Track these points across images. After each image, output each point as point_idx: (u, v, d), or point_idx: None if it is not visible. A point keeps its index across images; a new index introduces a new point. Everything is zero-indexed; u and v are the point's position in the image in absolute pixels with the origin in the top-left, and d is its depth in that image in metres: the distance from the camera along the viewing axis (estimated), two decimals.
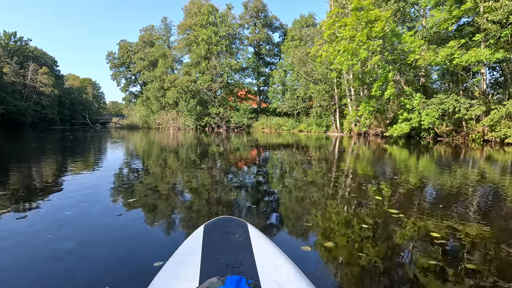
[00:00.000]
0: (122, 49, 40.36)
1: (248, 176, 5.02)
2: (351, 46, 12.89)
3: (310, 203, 3.25)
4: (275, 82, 30.70)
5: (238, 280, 0.85)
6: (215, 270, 1.03)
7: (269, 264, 1.08)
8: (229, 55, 30.61)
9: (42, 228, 2.30)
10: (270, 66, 36.95)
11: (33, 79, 43.62)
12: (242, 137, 18.64)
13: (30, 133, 19.31)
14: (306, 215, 2.81)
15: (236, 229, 1.31)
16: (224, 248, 1.18)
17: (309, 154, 8.56)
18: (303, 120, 27.90)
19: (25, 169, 5.28)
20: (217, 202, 3.22)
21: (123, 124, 40.08)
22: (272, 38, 35.56)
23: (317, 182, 4.43)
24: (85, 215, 2.67)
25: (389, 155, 9.10)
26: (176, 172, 5.14)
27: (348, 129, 20.78)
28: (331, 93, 21.39)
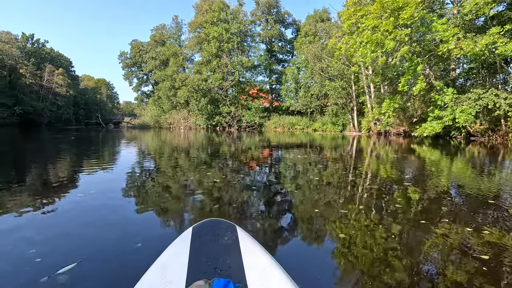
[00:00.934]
0: (134, 49, 40.41)
1: (258, 177, 4.77)
2: (375, 37, 11.70)
3: (325, 207, 3.00)
4: (288, 79, 29.66)
5: (226, 283, 0.84)
6: (203, 273, 1.00)
7: (257, 267, 1.06)
8: (240, 52, 29.85)
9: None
10: (283, 63, 35.90)
11: (49, 80, 44.46)
12: (253, 136, 18.04)
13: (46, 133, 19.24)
14: (319, 220, 2.60)
15: (225, 232, 1.27)
16: (212, 250, 1.14)
17: (324, 154, 8.06)
18: (317, 119, 26.75)
19: (44, 167, 5.41)
20: (227, 203, 3.09)
21: (134, 123, 40.19)
22: (284, 35, 34.51)
23: (333, 185, 4.08)
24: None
25: (417, 156, 8.10)
26: (185, 172, 4.97)
27: (366, 128, 19.53)
28: (348, 90, 20.17)
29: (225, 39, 28.87)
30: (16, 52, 39.88)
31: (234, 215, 2.67)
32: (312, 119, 27.53)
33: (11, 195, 3.27)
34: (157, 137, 16.92)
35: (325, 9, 29.46)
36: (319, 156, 7.66)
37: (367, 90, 18.37)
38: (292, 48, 34.13)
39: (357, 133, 19.76)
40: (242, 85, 31.50)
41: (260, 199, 3.31)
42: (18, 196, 3.23)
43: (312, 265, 1.79)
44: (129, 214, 2.71)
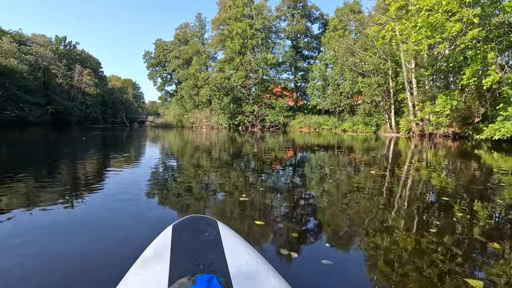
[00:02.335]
0: (158, 48, 40.67)
1: (282, 178, 4.48)
2: (433, 19, 9.89)
3: (356, 217, 2.58)
4: (315, 77, 28.02)
5: (209, 278, 0.84)
6: (185, 270, 0.99)
7: (240, 261, 1.06)
8: (265, 49, 28.68)
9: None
10: (309, 60, 34.28)
11: (79, 80, 46.11)
12: (277, 136, 17.02)
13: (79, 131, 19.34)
14: (350, 232, 2.25)
15: (206, 228, 1.27)
16: (194, 247, 1.14)
17: (355, 157, 7.34)
18: (346, 119, 24.93)
19: (77, 164, 5.54)
20: (249, 205, 2.90)
21: (158, 123, 40.48)
22: (311, 30, 32.86)
23: (368, 191, 3.55)
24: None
25: (480, 163, 6.58)
26: (206, 172, 4.83)
27: (406, 129, 17.54)
28: (385, 86, 18.26)
29: (249, 35, 27.84)
30: (50, 54, 41.65)
31: (256, 217, 2.50)
32: (340, 118, 25.73)
33: (49, 188, 3.42)
34: (179, 137, 16.60)
35: (356, 1, 27.45)
36: (349, 159, 6.93)
37: (407, 86, 16.42)
38: (319, 44, 32.42)
39: (395, 134, 17.83)
40: (265, 83, 30.34)
41: (282, 202, 3.12)
42: (52, 190, 3.34)
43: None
44: (147, 212, 2.69)
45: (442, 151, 9.36)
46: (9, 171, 4.53)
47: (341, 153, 8.18)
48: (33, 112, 34.46)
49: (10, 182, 3.70)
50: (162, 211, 2.70)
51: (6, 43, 32.21)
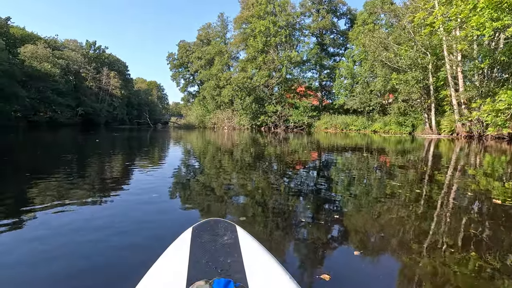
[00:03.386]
0: (181, 50, 40.98)
1: (305, 182, 4.23)
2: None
3: (389, 228, 2.27)
4: (342, 74, 26.47)
5: (226, 283, 0.84)
6: (203, 273, 1.00)
7: (257, 267, 1.06)
8: (288, 46, 27.60)
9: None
10: (334, 57, 32.65)
11: (106, 82, 47.77)
12: (302, 138, 16.20)
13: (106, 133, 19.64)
14: (381, 245, 1.99)
15: (224, 232, 1.27)
16: (212, 250, 1.14)
17: (389, 160, 6.80)
18: (377, 119, 23.19)
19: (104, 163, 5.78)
20: (271, 207, 2.82)
21: (180, 123, 40.78)
22: (337, 26, 31.27)
23: (403, 198, 3.11)
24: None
25: None
26: (229, 174, 4.73)
27: (448, 130, 15.69)
28: (424, 82, 16.49)
29: (272, 33, 26.92)
30: (80, 58, 43.49)
31: (277, 221, 2.41)
32: (370, 119, 24.02)
33: (78, 185, 3.60)
34: (201, 138, 16.33)
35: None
36: (381, 162, 6.46)
37: (451, 81, 14.62)
38: (346, 40, 30.73)
39: (435, 136, 16.02)
40: (289, 82, 29.25)
41: (306, 206, 2.95)
42: (80, 187, 3.50)
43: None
44: (168, 210, 2.75)
45: (501, 155, 7.89)
46: (46, 169, 4.78)
47: (372, 156, 7.58)
48: (64, 114, 35.99)
49: (49, 180, 3.89)
50: (185, 212, 2.73)
51: (40, 49, 33.88)
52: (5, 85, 24.95)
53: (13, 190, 3.49)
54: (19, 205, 2.81)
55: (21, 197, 3.13)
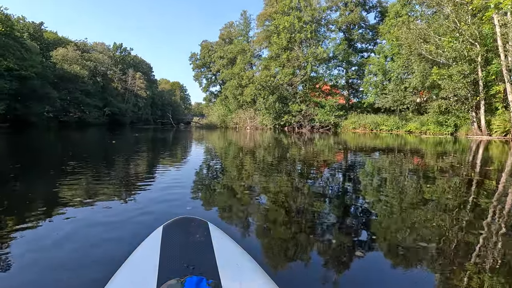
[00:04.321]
0: (203, 50, 40.95)
1: (331, 185, 3.95)
2: None
3: (427, 239, 1.99)
4: (372, 71, 24.80)
5: (198, 280, 0.84)
6: (175, 272, 0.97)
7: (230, 263, 1.06)
8: (314, 42, 26.33)
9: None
10: (362, 53, 30.90)
11: (132, 83, 49.02)
12: (328, 138, 15.30)
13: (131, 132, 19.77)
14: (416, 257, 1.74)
15: (196, 229, 1.26)
16: (184, 248, 1.13)
17: (426, 163, 6.17)
18: (412, 118, 21.38)
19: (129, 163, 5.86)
20: (294, 211, 2.70)
21: (202, 123, 40.78)
22: (366, 20, 29.48)
23: (443, 206, 2.81)
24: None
25: None
26: (250, 175, 4.51)
27: (502, 131, 13.82)
28: (472, 77, 14.67)
29: (297, 29, 25.81)
30: (107, 60, 44.92)
31: (301, 225, 2.30)
32: (403, 118, 22.22)
33: (107, 183, 3.70)
34: (224, 138, 15.80)
35: None
36: (418, 165, 5.84)
37: (507, 75, 12.81)
38: (376, 35, 28.88)
39: (485, 137, 14.18)
40: (314, 80, 27.99)
41: (331, 210, 2.75)
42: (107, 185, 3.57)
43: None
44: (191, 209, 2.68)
45: None
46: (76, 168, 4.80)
47: (406, 158, 6.92)
48: (92, 114, 37.21)
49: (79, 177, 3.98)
50: (207, 211, 2.69)
51: (70, 51, 35.23)
52: (38, 87, 26.00)
53: (54, 186, 3.54)
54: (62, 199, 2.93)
55: (54, 193, 3.20)
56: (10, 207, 2.66)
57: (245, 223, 2.37)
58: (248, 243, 1.88)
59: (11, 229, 2.10)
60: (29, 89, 24.65)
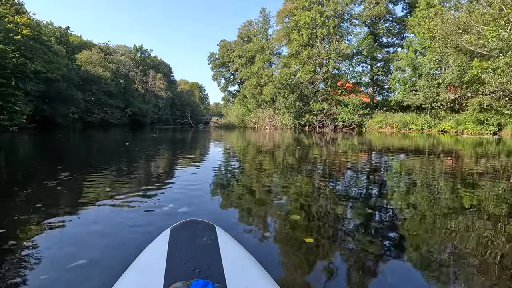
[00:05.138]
0: (222, 49, 40.73)
1: (354, 187, 3.71)
2: None
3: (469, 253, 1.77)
4: (400, 66, 23.20)
5: (204, 284, 0.83)
6: (181, 274, 0.98)
7: (236, 267, 1.05)
8: (337, 38, 25.12)
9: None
10: (388, 48, 29.19)
11: (152, 84, 49.87)
12: (352, 138, 14.45)
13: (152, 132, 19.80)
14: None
15: (203, 232, 1.26)
16: (190, 251, 1.13)
17: (463, 166, 5.57)
18: (446, 117, 19.71)
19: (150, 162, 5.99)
20: (314, 214, 2.60)
21: (221, 123, 40.59)
22: (393, 12, 27.79)
23: (485, 213, 2.54)
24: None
25: None
26: (270, 175, 4.41)
27: None
28: None
29: (318, 24, 24.73)
30: (129, 61, 45.95)
31: (324, 228, 2.22)
32: (436, 116, 20.56)
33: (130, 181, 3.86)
34: (243, 138, 15.33)
35: None
36: (454, 168, 5.35)
37: None
38: (403, 29, 27.12)
39: None
40: (337, 77, 26.75)
41: (354, 215, 2.59)
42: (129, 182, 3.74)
43: None
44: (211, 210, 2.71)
45: None
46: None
47: (440, 159, 6.40)
48: (114, 115, 38.06)
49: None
50: (222, 211, 2.71)
51: (94, 54, 36.23)
52: (64, 89, 26.79)
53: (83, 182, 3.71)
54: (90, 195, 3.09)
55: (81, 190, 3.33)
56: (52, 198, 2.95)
57: (255, 227, 2.27)
58: (255, 247, 1.83)
59: (53, 219, 2.28)
60: (55, 91, 25.43)
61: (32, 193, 3.20)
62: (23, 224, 2.22)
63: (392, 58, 25.86)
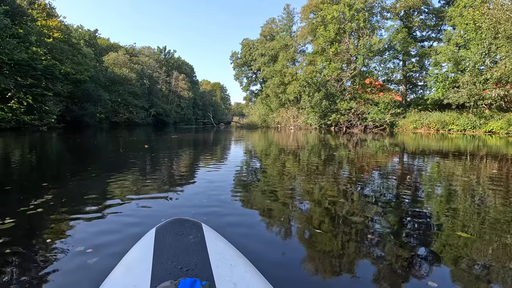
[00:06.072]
0: (244, 48, 40.20)
1: (385, 191, 3.46)
2: None
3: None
4: (439, 61, 21.21)
5: (192, 282, 0.83)
6: (168, 273, 0.97)
7: (224, 263, 1.05)
8: (367, 32, 23.56)
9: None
10: (423, 43, 27.03)
11: (175, 85, 50.53)
12: (383, 139, 13.27)
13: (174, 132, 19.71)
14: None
15: (190, 230, 1.25)
16: (177, 250, 1.11)
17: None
18: (493, 116, 17.64)
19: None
20: (339, 216, 2.46)
21: (243, 123, 40.14)
22: (429, 3, 25.62)
23: None
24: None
25: None
26: (295, 178, 4.24)
27: None
28: None
29: (347, 18, 23.32)
30: (153, 62, 46.83)
31: (350, 235, 2.06)
32: (481, 116, 18.49)
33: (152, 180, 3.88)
34: (265, 139, 14.52)
35: None
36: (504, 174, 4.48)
37: None
38: (440, 20, 24.95)
39: None
40: (366, 74, 25.15)
41: (387, 222, 2.35)
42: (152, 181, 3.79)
43: None
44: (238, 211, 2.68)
45: None
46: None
47: (487, 164, 5.68)
48: (139, 115, 38.85)
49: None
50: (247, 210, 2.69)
51: (120, 55, 37.15)
52: (92, 89, 27.55)
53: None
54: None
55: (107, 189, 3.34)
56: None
57: (267, 228, 2.21)
58: (244, 245, 1.76)
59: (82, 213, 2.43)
60: (84, 92, 26.19)
61: (58, 189, 3.31)
62: (43, 218, 2.32)
63: (429, 52, 23.81)
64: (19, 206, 2.56)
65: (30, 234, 2.01)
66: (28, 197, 2.86)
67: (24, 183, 3.72)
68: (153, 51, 50.49)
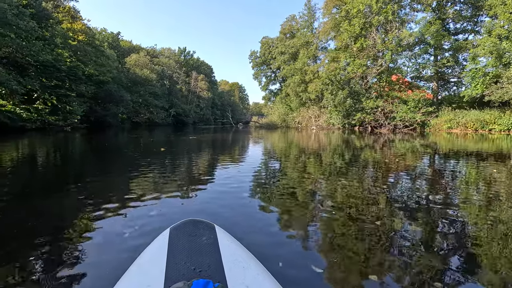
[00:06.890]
0: (263, 46, 39.50)
1: (413, 194, 3.29)
2: None
3: None
4: (479, 54, 19.37)
5: (205, 283, 0.83)
6: (181, 274, 0.97)
7: (237, 266, 1.05)
8: (397, 25, 22.05)
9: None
10: (457, 36, 24.97)
11: (194, 85, 50.84)
12: (413, 140, 12.29)
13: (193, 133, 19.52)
14: None
15: (203, 232, 1.25)
16: (191, 251, 1.12)
17: None
18: None
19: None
20: (367, 220, 2.32)
21: (262, 123, 39.51)
22: None
23: None
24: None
25: None
26: (315, 180, 4.07)
27: None
28: None
29: (374, 11, 21.96)
30: (173, 63, 47.34)
31: (375, 240, 1.95)
32: None
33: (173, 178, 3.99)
34: (287, 140, 13.81)
35: None
36: None
37: None
38: (478, 10, 22.88)
39: None
40: (394, 71, 23.61)
41: (411, 223, 2.28)
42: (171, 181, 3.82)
43: None
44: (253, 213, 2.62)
45: None
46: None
47: None
48: (159, 115, 39.32)
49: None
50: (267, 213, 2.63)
51: (141, 57, 37.76)
52: (114, 90, 28.05)
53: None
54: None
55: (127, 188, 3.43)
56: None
57: (263, 229, 2.19)
58: (257, 247, 1.70)
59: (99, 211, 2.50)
60: (106, 93, 26.69)
61: (79, 187, 3.47)
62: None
63: (464, 46, 21.91)
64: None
65: (54, 229, 2.11)
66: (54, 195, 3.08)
67: (48, 184, 3.90)
68: (174, 52, 51.10)
